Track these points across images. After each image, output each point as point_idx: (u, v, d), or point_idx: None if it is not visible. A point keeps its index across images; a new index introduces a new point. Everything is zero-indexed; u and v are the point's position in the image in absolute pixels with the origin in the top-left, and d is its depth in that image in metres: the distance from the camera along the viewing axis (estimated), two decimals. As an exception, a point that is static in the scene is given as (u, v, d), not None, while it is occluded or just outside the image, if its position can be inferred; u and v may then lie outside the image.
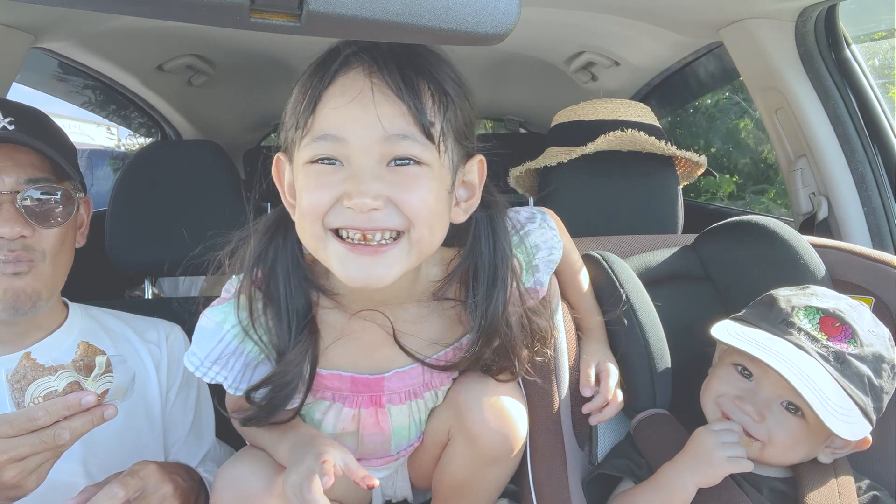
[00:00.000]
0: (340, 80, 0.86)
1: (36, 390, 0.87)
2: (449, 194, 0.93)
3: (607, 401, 1.13)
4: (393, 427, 1.10)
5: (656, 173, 1.59)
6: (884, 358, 1.02)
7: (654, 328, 1.19)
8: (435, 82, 0.88)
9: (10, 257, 1.08)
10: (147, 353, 1.27)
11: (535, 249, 1.07)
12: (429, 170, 0.88)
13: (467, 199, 0.98)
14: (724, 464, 1.00)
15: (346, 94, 0.85)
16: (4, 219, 1.07)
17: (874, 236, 1.65)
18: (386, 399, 1.07)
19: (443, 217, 0.93)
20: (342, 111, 0.85)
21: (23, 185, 1.09)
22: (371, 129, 0.84)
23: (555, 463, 1.12)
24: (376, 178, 0.85)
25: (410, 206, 0.87)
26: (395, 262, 0.89)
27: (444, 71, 0.91)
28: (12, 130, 1.09)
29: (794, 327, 1.03)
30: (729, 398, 1.06)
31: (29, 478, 0.87)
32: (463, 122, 0.93)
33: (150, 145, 2.45)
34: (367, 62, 0.86)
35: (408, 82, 0.85)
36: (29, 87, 2.42)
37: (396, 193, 0.86)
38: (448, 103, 0.89)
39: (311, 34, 0.72)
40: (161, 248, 1.65)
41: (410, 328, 1.04)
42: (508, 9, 0.71)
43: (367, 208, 0.84)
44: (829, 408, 0.95)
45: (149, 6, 0.69)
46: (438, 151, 0.89)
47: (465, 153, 0.96)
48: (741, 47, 1.72)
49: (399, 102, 0.85)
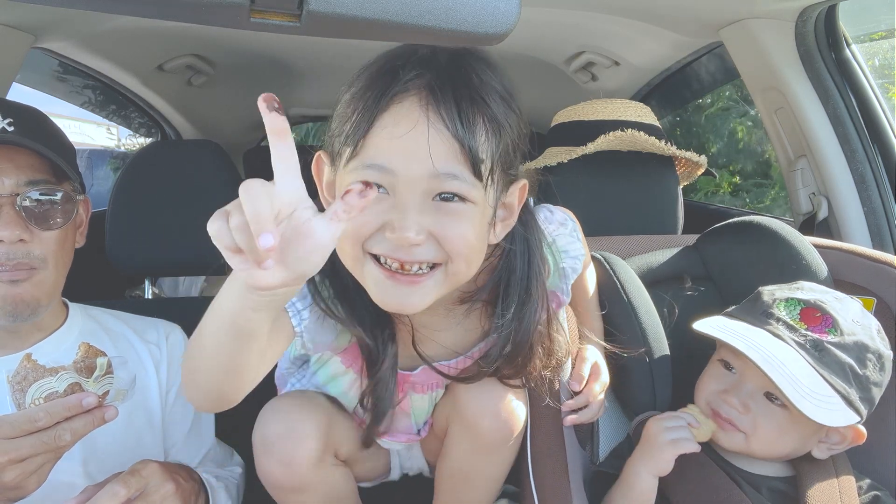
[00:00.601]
0: (395, 108, 0.84)
1: (37, 391, 0.87)
2: (489, 225, 0.94)
3: (588, 402, 1.13)
4: (413, 409, 1.17)
5: (656, 173, 1.59)
6: (867, 347, 1.02)
7: (654, 329, 1.19)
8: (489, 113, 0.87)
9: (9, 265, 1.06)
10: (147, 353, 1.27)
11: (563, 255, 1.08)
12: (473, 206, 0.88)
13: (504, 218, 0.98)
14: (666, 447, 1.03)
15: (399, 125, 0.83)
16: (4, 222, 1.05)
17: (874, 236, 1.65)
18: (409, 387, 1.13)
19: (481, 250, 0.93)
20: (395, 143, 0.84)
21: (23, 187, 1.08)
22: (421, 164, 0.83)
23: (556, 463, 1.12)
24: (420, 212, 0.85)
25: (451, 243, 0.87)
26: (429, 291, 0.89)
27: (499, 92, 0.89)
28: (12, 132, 1.08)
29: (773, 318, 1.05)
30: (716, 393, 1.08)
31: (30, 479, 0.87)
32: (511, 150, 0.92)
33: (150, 145, 2.45)
34: (424, 90, 0.84)
35: (463, 118, 0.84)
36: (29, 87, 2.42)
37: (438, 229, 0.86)
38: (501, 134, 0.88)
39: (311, 34, 0.72)
40: (161, 248, 1.65)
41: (433, 334, 1.05)
42: (508, 9, 0.71)
43: (410, 244, 0.84)
44: (803, 393, 0.96)
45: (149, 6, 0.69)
46: (485, 188, 0.88)
47: (509, 181, 0.95)
48: (741, 47, 1.72)
49: (453, 141, 0.84)
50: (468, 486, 1.16)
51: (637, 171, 1.57)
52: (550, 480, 1.10)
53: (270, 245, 0.62)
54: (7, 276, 1.07)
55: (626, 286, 1.22)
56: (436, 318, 1.04)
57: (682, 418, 1.06)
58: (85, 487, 0.95)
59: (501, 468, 1.16)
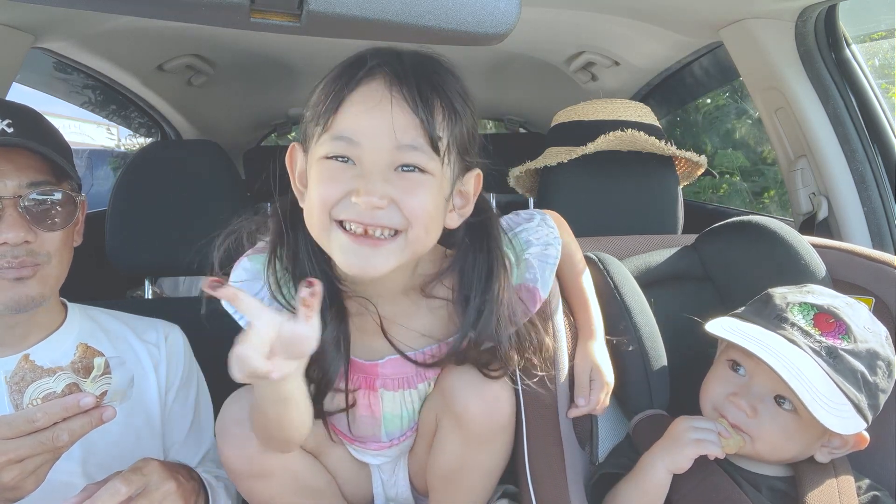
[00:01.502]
0: (363, 88, 0.94)
1: (34, 392, 0.87)
2: (446, 202, 1.01)
3: (593, 410, 1.14)
4: (384, 413, 1.16)
5: (656, 173, 1.59)
6: (879, 355, 1.02)
7: (649, 330, 1.19)
8: (447, 99, 0.96)
9: (14, 263, 1.07)
10: (146, 353, 1.26)
11: (526, 245, 1.12)
12: (431, 178, 0.96)
13: (461, 206, 1.06)
14: (690, 444, 1.02)
15: (366, 102, 0.93)
16: (8, 224, 1.06)
17: (874, 236, 1.65)
18: (380, 384, 1.14)
19: (438, 221, 1.00)
20: (362, 117, 0.93)
21: (25, 189, 1.08)
22: (385, 136, 0.92)
23: (553, 462, 1.12)
24: (384, 180, 0.93)
25: (411, 209, 0.95)
26: (390, 255, 0.96)
27: (455, 88, 0.98)
28: (12, 133, 1.08)
29: (787, 322, 1.04)
30: (723, 396, 1.06)
31: (28, 479, 0.87)
32: (467, 139, 1.01)
33: (150, 145, 2.45)
34: (389, 74, 0.94)
35: (423, 98, 0.93)
36: (29, 87, 2.42)
37: (400, 196, 0.94)
38: (456, 119, 0.97)
39: (311, 34, 0.72)
40: (161, 248, 1.65)
41: (402, 320, 1.10)
42: (508, 9, 0.71)
43: (373, 206, 0.92)
44: (819, 401, 0.95)
45: (149, 6, 0.69)
46: (442, 163, 0.97)
47: (465, 167, 1.03)
48: (741, 47, 1.72)
49: (413, 115, 0.93)
50: (463, 481, 1.16)
51: (637, 171, 1.57)
52: (548, 480, 1.10)
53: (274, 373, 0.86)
54: (13, 273, 1.07)
55: (620, 287, 1.22)
56: (400, 307, 1.10)
57: (713, 425, 1.05)
58: (86, 486, 0.95)
59: (494, 460, 1.16)
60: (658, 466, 1.03)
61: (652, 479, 1.04)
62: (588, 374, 1.15)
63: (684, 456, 1.02)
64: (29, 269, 1.09)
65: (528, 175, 1.72)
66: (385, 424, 1.18)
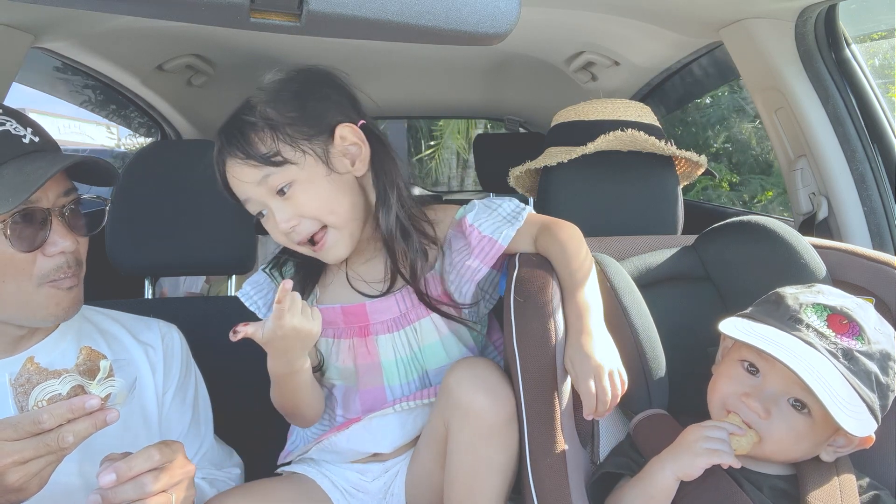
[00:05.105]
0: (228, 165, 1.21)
1: (40, 394, 0.87)
2: (332, 174, 1.20)
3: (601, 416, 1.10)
4: (382, 361, 1.30)
5: (656, 173, 1.59)
6: (891, 356, 1.02)
7: (647, 331, 1.19)
8: (258, 126, 1.18)
9: (69, 273, 1.09)
10: (143, 354, 1.26)
11: (462, 210, 1.32)
12: (301, 180, 1.17)
13: (356, 155, 1.23)
14: (701, 453, 1.00)
15: (230, 173, 1.22)
16: (61, 234, 1.07)
17: (874, 236, 1.65)
18: (373, 330, 1.29)
19: (340, 195, 1.21)
20: (236, 186, 1.22)
21: (62, 198, 1.10)
22: (250, 187, 1.19)
23: (554, 461, 1.11)
24: (277, 210, 1.18)
25: (310, 211, 1.18)
26: (337, 243, 1.22)
27: (259, 109, 1.20)
28: (39, 142, 1.09)
29: (802, 324, 1.02)
30: (736, 396, 1.05)
31: (31, 481, 0.87)
32: (301, 123, 1.18)
33: (150, 145, 2.45)
34: (225, 146, 1.20)
35: (241, 146, 1.17)
36: (29, 87, 2.42)
37: (295, 210, 1.17)
38: (275, 126, 1.17)
39: (311, 34, 0.72)
40: (161, 248, 1.65)
41: (362, 273, 1.32)
42: (508, 9, 0.71)
43: (287, 232, 1.19)
44: (840, 404, 0.95)
45: (149, 6, 0.69)
46: (295, 161, 1.16)
47: (326, 135, 1.20)
48: (741, 47, 1.72)
49: (244, 163, 1.17)
50: (478, 480, 1.15)
51: (637, 171, 1.57)
52: (549, 479, 1.10)
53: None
54: (69, 282, 1.10)
55: (617, 287, 1.22)
56: (364, 266, 1.32)
57: (725, 428, 1.03)
58: (109, 453, 0.96)
59: (506, 454, 1.15)
60: (667, 473, 1.02)
61: (659, 484, 1.03)
62: (592, 385, 1.07)
63: (695, 465, 1.00)
64: (76, 278, 1.11)
65: (528, 175, 1.72)
66: (386, 375, 1.30)
